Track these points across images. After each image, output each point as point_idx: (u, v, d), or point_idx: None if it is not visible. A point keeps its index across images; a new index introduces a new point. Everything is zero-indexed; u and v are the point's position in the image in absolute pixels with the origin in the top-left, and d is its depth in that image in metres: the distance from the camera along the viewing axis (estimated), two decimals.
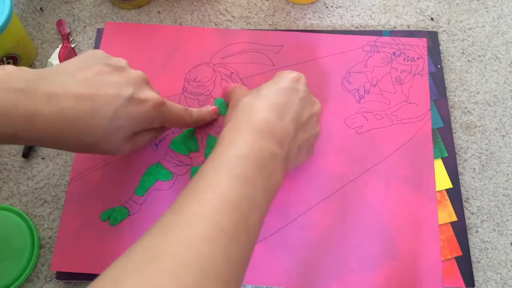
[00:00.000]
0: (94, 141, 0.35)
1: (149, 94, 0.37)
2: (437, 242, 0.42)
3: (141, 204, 0.44)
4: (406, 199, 0.44)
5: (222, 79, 0.50)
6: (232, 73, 0.50)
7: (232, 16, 0.54)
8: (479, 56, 0.52)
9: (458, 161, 0.47)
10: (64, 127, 0.33)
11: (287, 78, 0.39)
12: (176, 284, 0.24)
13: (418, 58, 0.50)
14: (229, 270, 0.27)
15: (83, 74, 0.35)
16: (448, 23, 0.54)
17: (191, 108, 0.44)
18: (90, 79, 0.35)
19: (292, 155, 0.37)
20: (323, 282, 0.41)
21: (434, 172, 0.45)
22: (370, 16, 0.54)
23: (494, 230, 0.44)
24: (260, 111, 0.35)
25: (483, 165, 0.47)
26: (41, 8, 0.55)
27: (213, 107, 0.47)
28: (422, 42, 0.51)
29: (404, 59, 0.50)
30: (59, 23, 0.53)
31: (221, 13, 0.54)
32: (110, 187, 0.45)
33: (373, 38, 0.52)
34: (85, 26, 0.54)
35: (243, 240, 0.29)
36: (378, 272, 0.41)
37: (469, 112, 0.49)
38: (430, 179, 0.45)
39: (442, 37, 0.53)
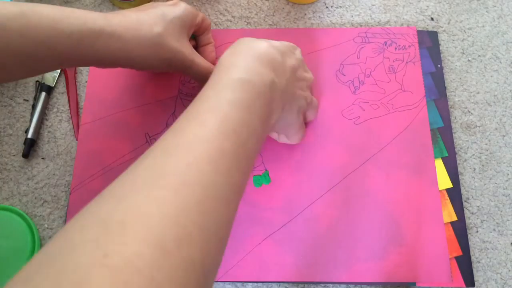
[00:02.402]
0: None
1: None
2: (441, 225, 0.43)
3: None
4: (408, 185, 0.45)
5: None
6: None
7: (232, 16, 0.54)
8: (479, 56, 0.52)
9: (458, 161, 0.47)
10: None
11: (286, 43, 0.40)
12: (179, 201, 0.24)
13: (409, 46, 0.51)
14: (230, 193, 0.27)
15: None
16: (448, 23, 0.54)
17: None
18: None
19: (288, 96, 0.37)
20: (332, 273, 0.42)
21: (434, 157, 0.46)
22: (370, 16, 0.54)
23: (494, 230, 0.44)
24: (262, 45, 0.36)
25: (483, 165, 0.47)
26: None
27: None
28: (412, 30, 0.52)
29: (395, 48, 0.51)
30: None
31: (221, 13, 0.54)
32: None
33: (363, 29, 0.52)
34: None
35: (242, 165, 0.29)
36: (386, 259, 0.42)
37: (469, 112, 0.49)
38: (429, 164, 0.45)
39: (442, 37, 0.53)
